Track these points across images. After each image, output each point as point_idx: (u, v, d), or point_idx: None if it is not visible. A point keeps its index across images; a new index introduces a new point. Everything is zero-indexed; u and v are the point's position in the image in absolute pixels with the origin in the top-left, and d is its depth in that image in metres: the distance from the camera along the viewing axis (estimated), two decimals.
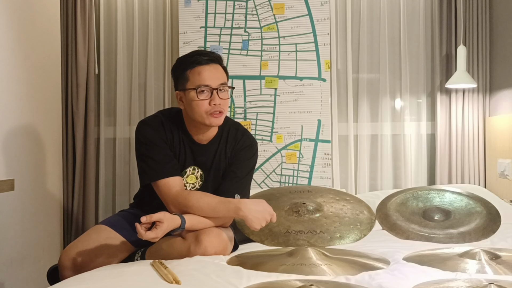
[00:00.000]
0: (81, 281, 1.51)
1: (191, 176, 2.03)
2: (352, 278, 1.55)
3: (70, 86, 3.12)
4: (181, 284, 1.44)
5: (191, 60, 1.96)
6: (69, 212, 3.13)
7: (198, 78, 1.92)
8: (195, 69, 1.93)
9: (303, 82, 3.09)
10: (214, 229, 1.86)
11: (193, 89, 1.91)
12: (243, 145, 2.06)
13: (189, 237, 1.84)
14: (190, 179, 2.03)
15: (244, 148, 2.05)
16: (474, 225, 2.28)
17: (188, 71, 1.94)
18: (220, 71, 1.98)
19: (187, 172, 2.02)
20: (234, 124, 2.11)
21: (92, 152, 3.14)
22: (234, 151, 2.04)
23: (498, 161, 2.92)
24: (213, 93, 1.92)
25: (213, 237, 1.82)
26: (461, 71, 2.96)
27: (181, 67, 1.98)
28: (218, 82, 1.93)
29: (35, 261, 2.72)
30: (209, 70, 1.93)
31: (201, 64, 1.93)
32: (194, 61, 1.95)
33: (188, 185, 2.02)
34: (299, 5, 3.09)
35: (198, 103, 1.91)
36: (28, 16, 2.69)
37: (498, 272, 1.60)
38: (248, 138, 2.09)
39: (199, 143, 2.02)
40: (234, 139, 2.05)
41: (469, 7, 3.10)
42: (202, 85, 1.91)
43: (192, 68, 1.93)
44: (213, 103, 1.91)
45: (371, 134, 3.24)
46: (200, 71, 1.92)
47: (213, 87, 1.92)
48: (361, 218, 2.33)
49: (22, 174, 2.59)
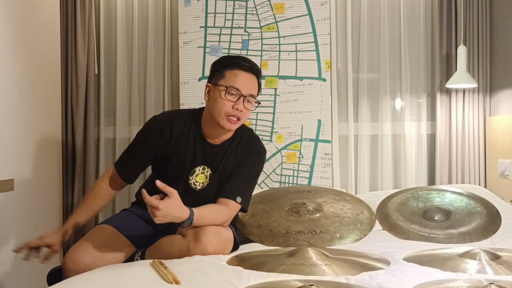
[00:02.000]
0: (81, 281, 1.51)
1: (200, 176, 2.04)
2: (352, 278, 1.55)
3: (70, 86, 3.12)
4: (181, 284, 1.44)
5: (234, 61, 2.00)
6: (69, 212, 3.13)
7: (233, 80, 1.96)
8: (234, 70, 1.97)
9: (303, 82, 3.09)
10: (213, 228, 1.86)
11: (224, 87, 1.95)
12: (253, 150, 2.09)
13: (188, 236, 1.84)
14: (199, 178, 2.04)
15: (254, 153, 2.09)
16: (474, 225, 2.28)
17: (227, 70, 1.98)
18: (255, 83, 2.02)
19: (196, 171, 2.03)
20: (248, 130, 2.15)
21: (92, 152, 3.15)
22: (244, 154, 2.07)
23: (498, 161, 2.91)
24: (240, 98, 1.95)
25: (212, 236, 1.82)
26: (461, 71, 2.95)
27: (222, 63, 2.02)
28: (249, 92, 1.97)
29: (35, 261, 2.70)
30: (245, 77, 1.98)
31: (241, 69, 1.98)
32: (236, 63, 1.99)
33: (197, 184, 2.04)
34: (299, 5, 3.09)
35: (223, 101, 1.94)
36: (28, 16, 2.69)
37: (499, 272, 1.59)
38: (259, 145, 2.13)
39: (211, 143, 2.04)
40: (246, 144, 2.09)
41: (469, 7, 3.10)
42: (234, 87, 1.95)
43: (232, 69, 1.98)
44: (236, 107, 1.95)
45: (371, 134, 3.24)
46: (237, 74, 1.97)
47: (243, 93, 1.96)
48: (361, 218, 2.33)
49: (22, 174, 2.59)
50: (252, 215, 2.30)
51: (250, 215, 2.30)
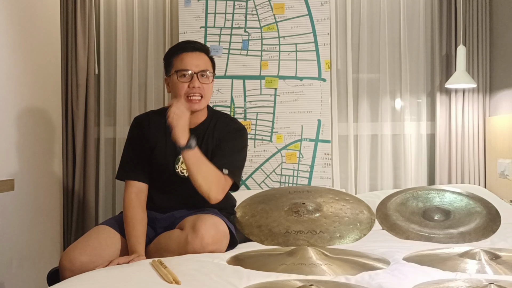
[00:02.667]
0: (81, 281, 1.51)
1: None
2: (352, 278, 1.55)
3: (70, 86, 3.13)
4: (181, 284, 1.44)
5: (177, 48, 2.10)
6: (69, 212, 3.13)
7: (181, 63, 2.04)
8: (179, 55, 2.06)
9: (303, 82, 3.09)
10: (210, 220, 1.87)
11: (175, 73, 2.03)
12: (230, 128, 2.13)
13: (186, 228, 1.85)
14: (185, 165, 2.04)
15: (231, 130, 2.12)
16: (474, 225, 2.28)
17: (174, 58, 2.07)
18: (204, 59, 2.08)
19: (181, 158, 2.04)
20: (224, 114, 2.22)
21: (92, 152, 3.15)
22: (222, 133, 2.10)
23: (498, 161, 2.92)
24: (193, 77, 2.02)
25: (210, 227, 1.84)
26: (461, 71, 2.96)
27: (168, 55, 2.11)
28: (200, 68, 2.04)
29: (35, 261, 2.71)
30: (191, 56, 2.05)
31: (185, 51, 2.06)
32: (179, 48, 2.09)
33: (185, 171, 2.05)
34: (299, 5, 3.09)
35: (178, 85, 2.03)
36: (28, 16, 2.69)
37: (498, 272, 1.59)
38: (236, 123, 2.18)
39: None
40: (223, 123, 2.13)
41: (469, 7, 3.10)
42: (183, 69, 2.02)
43: (178, 55, 2.06)
44: (192, 85, 2.01)
45: (371, 134, 3.24)
46: (183, 57, 2.05)
47: (194, 71, 2.02)
48: (361, 218, 2.33)
49: (22, 174, 2.59)
50: (252, 215, 2.30)
51: (250, 215, 2.30)
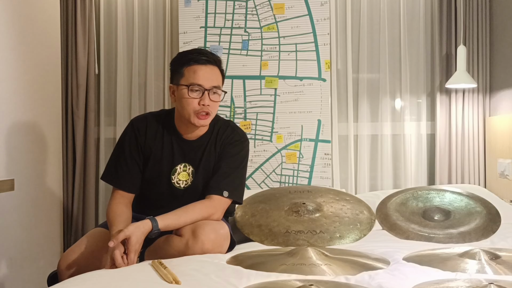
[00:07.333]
0: (80, 282, 1.51)
1: (182, 173, 2.03)
2: (352, 278, 1.55)
3: (70, 86, 3.13)
4: (181, 284, 1.44)
5: (189, 57, 1.97)
6: (69, 212, 3.13)
7: (193, 76, 1.94)
8: (191, 66, 1.95)
9: (303, 82, 3.09)
10: (210, 224, 1.85)
11: (185, 86, 1.94)
12: (231, 140, 2.06)
13: (186, 233, 1.83)
14: (182, 176, 2.03)
15: (232, 143, 2.06)
16: (474, 225, 2.28)
17: (185, 68, 1.96)
18: (217, 73, 1.99)
19: (178, 169, 2.02)
20: (225, 121, 2.13)
21: (92, 152, 3.15)
22: (222, 147, 2.05)
23: (498, 161, 2.92)
24: (204, 93, 1.93)
25: (209, 232, 1.82)
26: (461, 71, 2.96)
27: (179, 62, 2.00)
28: (212, 84, 1.95)
29: (35, 261, 2.71)
30: (205, 70, 1.95)
31: (198, 63, 1.95)
32: (192, 59, 1.96)
33: (181, 182, 2.02)
34: (299, 5, 3.09)
35: (188, 100, 1.93)
36: (28, 16, 2.69)
37: (498, 272, 1.59)
38: (238, 134, 2.09)
39: (187, 140, 2.03)
40: (224, 135, 2.07)
41: (469, 7, 3.10)
42: (195, 83, 1.93)
43: (189, 66, 1.95)
44: (202, 103, 1.93)
45: (371, 134, 3.24)
46: (195, 69, 1.94)
47: (206, 87, 1.94)
48: (361, 218, 2.33)
49: (22, 174, 2.59)
50: (252, 215, 2.30)
51: (250, 215, 2.30)
